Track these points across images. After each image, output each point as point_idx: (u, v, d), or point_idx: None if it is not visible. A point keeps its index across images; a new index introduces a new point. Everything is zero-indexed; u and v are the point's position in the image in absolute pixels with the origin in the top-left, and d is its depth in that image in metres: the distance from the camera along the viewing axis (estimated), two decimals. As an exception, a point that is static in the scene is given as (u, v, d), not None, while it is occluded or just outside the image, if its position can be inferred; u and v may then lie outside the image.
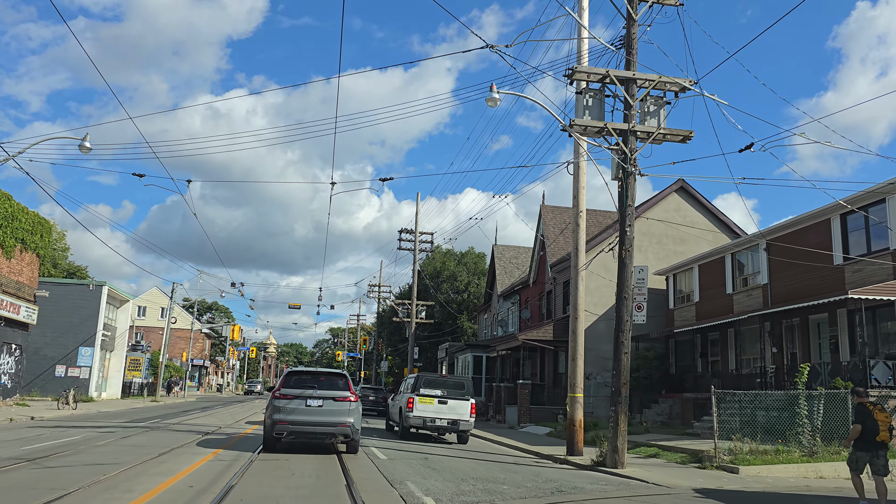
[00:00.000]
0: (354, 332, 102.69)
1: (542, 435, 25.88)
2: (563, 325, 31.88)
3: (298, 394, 14.55)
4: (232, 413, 32.32)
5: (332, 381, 15.14)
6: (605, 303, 31.87)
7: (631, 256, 15.56)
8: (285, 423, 14.32)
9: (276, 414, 14.42)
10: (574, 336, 18.14)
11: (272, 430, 14.47)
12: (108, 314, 45.63)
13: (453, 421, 20.61)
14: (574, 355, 17.98)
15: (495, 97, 15.46)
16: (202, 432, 19.49)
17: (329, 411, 14.39)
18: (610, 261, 32.78)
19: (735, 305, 26.06)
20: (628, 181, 15.65)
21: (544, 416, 30.89)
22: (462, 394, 21.20)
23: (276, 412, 14.42)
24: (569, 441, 17.57)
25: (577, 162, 18.46)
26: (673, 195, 33.41)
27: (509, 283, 45.47)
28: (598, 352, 31.45)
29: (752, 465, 14.62)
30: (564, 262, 33.42)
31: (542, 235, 37.44)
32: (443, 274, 57.62)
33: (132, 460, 12.36)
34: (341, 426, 14.30)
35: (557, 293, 34.70)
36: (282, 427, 14.37)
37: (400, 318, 48.84)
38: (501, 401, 33.72)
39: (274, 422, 14.38)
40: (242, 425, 23.75)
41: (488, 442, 22.77)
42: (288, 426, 14.33)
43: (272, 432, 14.51)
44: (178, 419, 25.64)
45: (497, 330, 45.83)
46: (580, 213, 18.45)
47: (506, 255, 47.31)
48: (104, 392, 45.74)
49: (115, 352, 47.26)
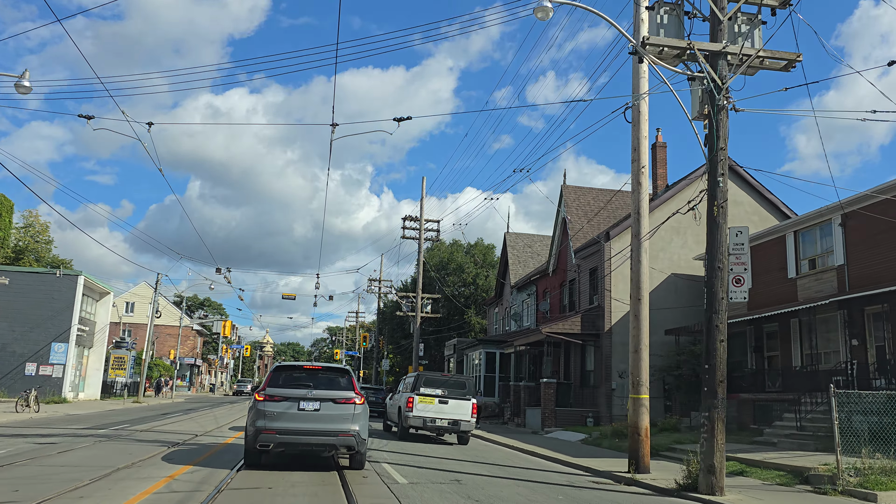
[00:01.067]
0: (353, 331, 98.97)
1: (575, 442, 22.22)
2: (592, 317, 28.21)
3: (289, 395, 11.61)
4: (217, 416, 28.60)
5: (332, 378, 12.22)
6: (639, 291, 28.18)
7: (725, 214, 11.89)
8: (271, 433, 11.26)
9: (259, 420, 11.38)
10: (637, 322, 14.48)
11: (255, 441, 11.37)
12: (85, 307, 41.85)
13: (454, 421, 20.01)
14: (637, 345, 14.32)
15: (547, 6, 11.83)
16: (172, 442, 15.78)
17: (328, 417, 11.48)
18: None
19: (799, 292, 22.41)
20: (719, 117, 11.99)
21: (571, 419, 27.23)
22: (463, 393, 20.61)
23: (261, 418, 11.39)
24: (632, 454, 13.90)
25: (637, 102, 14.80)
26: (713, 171, 29.74)
27: (524, 273, 41.78)
28: (632, 346, 27.78)
29: (890, 489, 10.96)
30: (591, 247, 29.78)
31: (563, 218, 33.77)
32: (449, 266, 53.93)
33: (46, 491, 8.65)
34: (343, 436, 11.40)
35: (583, 282, 31.04)
36: (268, 437, 11.28)
37: (404, 312, 45.17)
38: (521, 402, 30.05)
39: (257, 430, 11.31)
40: (225, 431, 20.06)
41: (518, 452, 19.10)
42: (275, 436, 11.26)
43: (255, 444, 11.40)
44: (151, 424, 21.92)
45: (510, 324, 42.14)
46: (641, 168, 14.77)
47: (519, 244, 43.63)
48: (81, 392, 41.96)
49: (94, 348, 43.45)
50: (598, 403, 27.47)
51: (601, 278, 28.41)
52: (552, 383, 27.51)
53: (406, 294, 45.73)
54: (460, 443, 20.57)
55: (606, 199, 34.21)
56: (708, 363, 11.42)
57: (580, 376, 29.33)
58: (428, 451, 17.41)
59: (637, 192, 14.79)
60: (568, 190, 34.23)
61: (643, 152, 14.87)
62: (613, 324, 27.76)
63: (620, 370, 27.51)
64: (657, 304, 28.31)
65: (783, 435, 17.70)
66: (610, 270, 27.96)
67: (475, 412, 20.44)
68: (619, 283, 28.01)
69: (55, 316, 37.44)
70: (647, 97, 14.96)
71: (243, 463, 11.97)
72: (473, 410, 20.33)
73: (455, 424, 20.07)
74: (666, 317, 28.14)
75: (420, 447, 18.24)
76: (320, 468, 12.11)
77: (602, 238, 28.28)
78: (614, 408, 27.15)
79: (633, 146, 14.99)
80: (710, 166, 12.04)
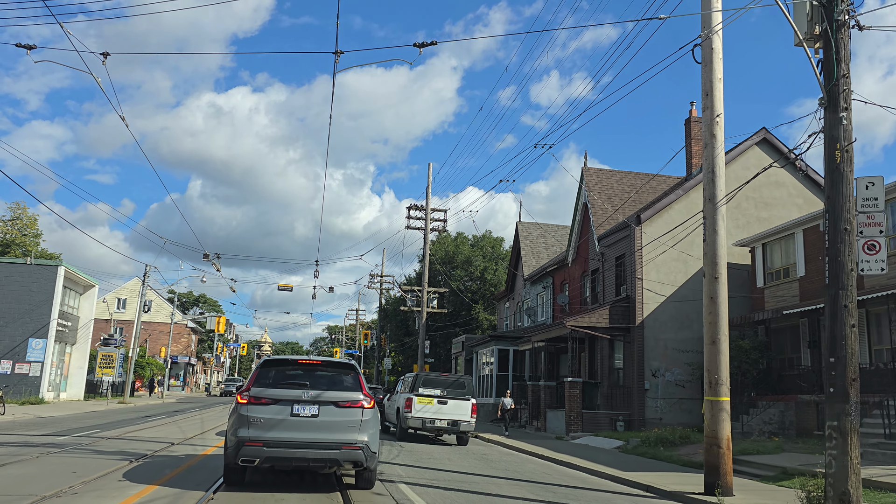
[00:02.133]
0: (353, 329, 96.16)
1: (611, 451, 19.41)
2: (620, 310, 25.41)
3: (280, 396, 9.35)
4: (204, 419, 25.78)
5: (334, 376, 9.97)
6: (673, 280, 25.43)
7: (850, 163, 9.05)
8: (257, 445, 9.00)
9: (242, 429, 9.10)
10: (714, 306, 11.64)
11: (236, 454, 9.07)
12: (68, 301, 39.03)
13: (454, 422, 19.81)
14: (715, 335, 11.48)
15: None
16: (138, 454, 12.97)
17: (329, 424, 9.27)
18: (680, 230, 26.31)
19: (866, 278, 19.63)
20: (839, 36, 9.17)
21: (599, 423, 24.43)
22: (463, 393, 20.44)
23: (244, 426, 9.12)
24: (710, 470, 11.08)
25: (710, 37, 11.98)
26: (753, 149, 26.95)
27: (538, 264, 38.97)
28: (667, 341, 25.05)
29: None
30: (618, 233, 26.97)
31: (585, 203, 30.96)
32: (456, 259, 51.12)
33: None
34: (349, 448, 9.15)
35: (608, 272, 28.24)
36: (252, 451, 9.01)
37: (409, 307, 42.34)
38: (540, 403, 27.25)
39: (239, 441, 9.05)
40: (209, 438, 17.26)
41: (550, 462, 16.29)
42: (262, 449, 8.99)
43: (236, 458, 9.10)
44: (126, 430, 19.12)
45: (523, 320, 39.33)
46: (716, 117, 11.95)
47: (532, 234, 40.81)
48: (63, 392, 39.14)
49: (77, 345, 40.61)
50: (630, 405, 24.68)
51: (631, 267, 25.62)
52: (577, 383, 24.70)
53: (411, 288, 42.90)
54: (459, 443, 20.24)
55: (633, 183, 31.42)
56: (834, 356, 8.61)
57: (608, 375, 26.53)
58: (446, 462, 14.62)
59: (711, 145, 11.96)
60: (590, 173, 31.42)
61: (717, 97, 12.05)
62: (646, 316, 24.96)
63: (654, 368, 24.73)
64: (692, 294, 25.52)
65: (868, 444, 14.88)
66: (641, 258, 25.17)
67: (475, 413, 20.17)
68: (650, 272, 25.23)
69: (33, 310, 34.62)
70: (720, 31, 12.16)
71: (221, 482, 9.63)
72: (473, 411, 20.06)
73: (454, 425, 19.79)
74: (701, 309, 25.29)
75: (437, 457, 15.47)
76: (319, 488, 9.81)
77: (632, 222, 25.47)
78: (647, 410, 24.37)
79: (704, 90, 12.17)
80: (829, 99, 9.21)
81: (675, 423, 24.16)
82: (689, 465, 15.22)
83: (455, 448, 18.82)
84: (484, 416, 35.01)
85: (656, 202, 26.56)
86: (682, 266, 25.54)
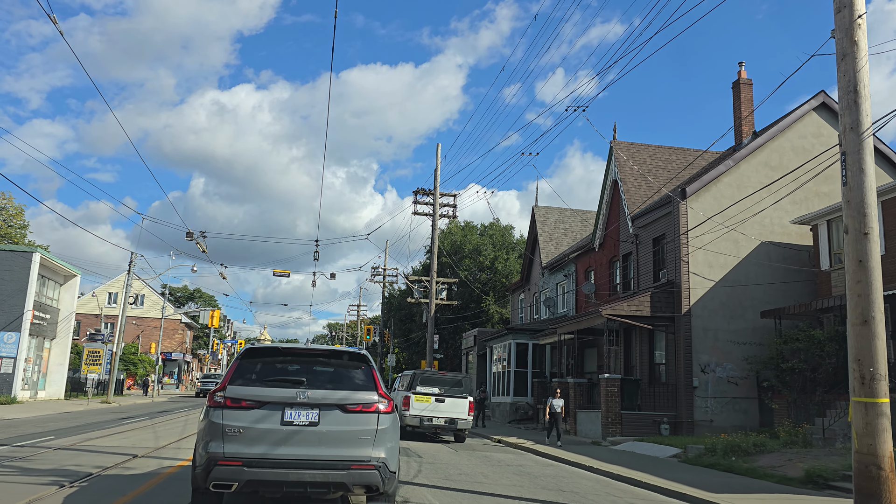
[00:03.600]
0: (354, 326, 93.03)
1: (668, 459, 16.30)
2: (663, 297, 22.28)
3: (267, 397, 6.96)
4: (188, 422, 22.68)
5: (340, 369, 7.50)
6: (723, 263, 22.31)
7: None
8: (234, 463, 6.58)
9: (214, 442, 6.70)
10: (866, 272, 8.41)
11: (206, 476, 6.62)
12: (46, 292, 35.90)
13: (451, 419, 19.96)
14: (867, 313, 8.30)
15: None
16: (83, 474, 9.87)
17: (333, 436, 6.90)
18: (728, 201, 23.17)
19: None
20: None
21: (640, 426, 21.33)
22: (460, 391, 20.62)
23: (216, 438, 6.73)
24: (863, 500, 7.94)
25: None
26: (811, 115, 23.81)
27: (557, 252, 35.86)
28: (717, 332, 21.93)
29: None
30: (657, 211, 23.85)
31: (615, 180, 27.83)
32: (464, 248, 47.99)
33: None
34: (360, 467, 6.78)
35: (643, 255, 25.11)
36: (228, 472, 6.60)
37: (416, 299, 39.19)
38: (569, 403, 24.12)
39: (210, 459, 6.64)
40: (187, 446, 14.13)
41: (604, 477, 13.18)
42: (242, 470, 6.59)
43: (206, 482, 6.63)
44: (86, 436, 15.99)
45: (541, 311, 36.21)
46: (856, 20, 8.80)
47: (550, 219, 37.67)
48: (42, 391, 36.02)
49: (57, 340, 37.47)
50: (675, 405, 21.58)
51: (674, 248, 22.47)
52: (615, 380, 21.58)
53: (418, 278, 39.77)
54: (457, 440, 20.29)
55: (669, 158, 28.28)
56: None
57: (649, 371, 23.39)
58: (481, 478, 11.54)
59: (852, 56, 8.79)
60: (619, 147, 28.26)
61: (859, -8, 8.88)
62: (693, 304, 21.84)
63: (703, 363, 21.62)
64: (745, 279, 22.43)
65: None
66: (687, 237, 22.03)
67: (472, 411, 20.35)
68: (698, 254, 22.10)
69: (4, 300, 31.50)
70: None
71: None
72: (470, 409, 20.23)
73: (452, 423, 19.92)
74: (756, 295, 22.26)
75: (467, 472, 12.38)
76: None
77: (676, 196, 22.32)
78: (696, 411, 21.26)
79: (839, -16, 9.00)
80: None
81: (728, 425, 21.07)
82: (784, 481, 12.13)
83: (484, 457, 15.72)
84: (500, 418, 31.92)
85: (702, 174, 23.41)
86: (733, 246, 22.41)
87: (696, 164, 28.24)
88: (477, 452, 17.09)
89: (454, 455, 15.92)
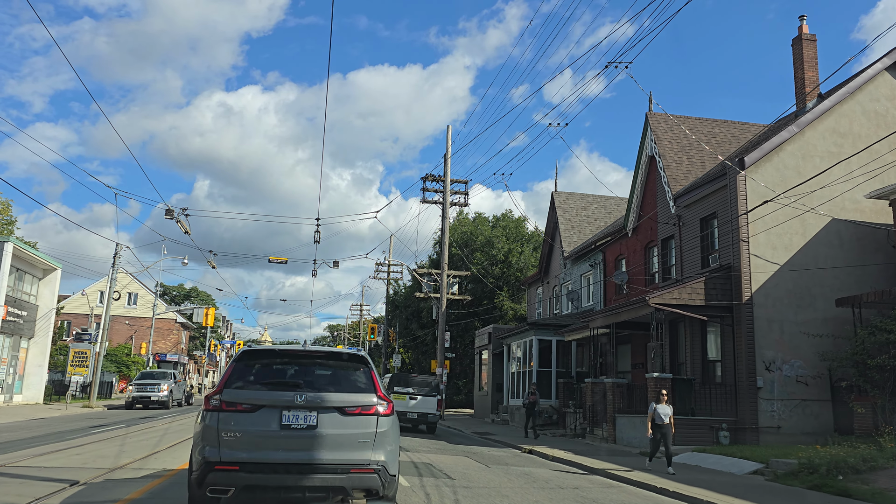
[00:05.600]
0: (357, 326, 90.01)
1: (748, 476, 13.25)
2: (719, 283, 19.22)
3: (264, 400, 6.77)
4: (168, 432, 19.64)
5: (339, 371, 7.30)
6: (786, 245, 19.27)
7: None
8: (231, 468, 6.42)
9: (210, 447, 6.52)
10: None
11: (202, 482, 6.40)
12: (22, 287, 32.90)
13: (423, 414, 23.41)
14: None
15: None
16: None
17: (332, 439, 6.70)
18: (792, 172, 20.12)
19: None
20: None
21: (696, 433, 18.28)
22: (430, 391, 23.95)
23: (212, 442, 6.53)
24: None
25: None
26: (883, 76, 20.74)
27: (579, 241, 32.82)
28: (783, 324, 18.85)
29: None
30: (707, 186, 20.82)
31: (651, 156, 24.80)
32: (475, 240, 44.94)
33: None
34: (359, 471, 6.67)
35: (688, 238, 22.07)
36: (224, 477, 6.42)
37: (425, 293, 36.17)
38: (608, 406, 21.07)
39: (206, 464, 6.45)
40: (146, 469, 11.08)
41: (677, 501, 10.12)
42: (238, 475, 6.43)
43: (202, 488, 6.42)
44: (30, 452, 12.96)
45: (562, 305, 33.17)
46: None
47: (571, 206, 34.62)
48: (18, 394, 32.99)
49: (35, 339, 34.42)
50: (735, 409, 18.51)
51: (730, 228, 19.41)
52: (666, 380, 18.52)
53: (428, 271, 36.76)
54: (429, 431, 23.51)
55: (712, 131, 25.22)
56: None
57: (701, 369, 20.30)
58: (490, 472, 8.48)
59: None
60: (656, 119, 25.21)
61: None
62: (755, 291, 18.77)
63: (768, 359, 18.55)
64: (814, 261, 19.34)
65: None
66: (747, 214, 18.98)
67: (440, 407, 24.13)
68: (760, 234, 19.03)
69: (-28, 295, 28.47)
70: None
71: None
72: (438, 406, 23.93)
73: (424, 416, 23.44)
74: (826, 281, 19.18)
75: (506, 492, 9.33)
76: None
77: (734, 165, 19.24)
78: (761, 416, 18.18)
79: None
80: None
81: (798, 432, 18.02)
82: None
83: (525, 475, 12.67)
84: (520, 422, 28.86)
85: (761, 143, 20.32)
86: (799, 225, 19.36)
87: (742, 138, 25.20)
88: (512, 468, 14.06)
89: (487, 473, 12.88)
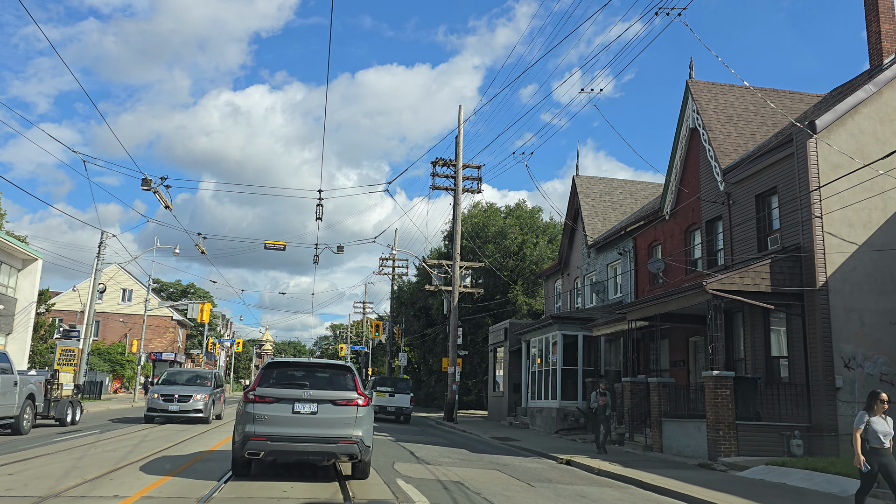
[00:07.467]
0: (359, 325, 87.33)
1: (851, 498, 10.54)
2: (786, 267, 16.52)
3: (282, 395, 10.14)
4: (145, 439, 16.98)
5: (332, 377, 10.82)
6: (864, 222, 16.60)
7: None
8: (261, 439, 9.83)
9: (248, 425, 9.94)
10: None
11: (243, 448, 9.94)
12: (0, 278, 30.31)
13: (400, 408, 29.64)
14: None
15: None
16: None
17: (326, 421, 10.10)
18: (869, 138, 17.34)
19: None
20: None
21: (761, 440, 15.63)
22: (405, 389, 30.18)
23: (250, 422, 9.96)
24: None
25: None
26: (969, 28, 18.02)
27: (604, 228, 30.15)
28: (863, 313, 16.17)
29: None
30: (765, 157, 18.15)
31: (693, 127, 22.13)
32: (487, 231, 42.26)
33: None
34: (345, 442, 10.03)
35: (740, 217, 19.38)
36: (257, 444, 9.84)
37: (436, 286, 33.52)
38: (652, 409, 18.40)
39: (246, 437, 9.90)
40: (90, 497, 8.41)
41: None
42: (266, 443, 9.85)
43: (243, 452, 9.98)
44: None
45: (587, 298, 30.50)
46: None
47: (594, 191, 31.94)
48: (-6, 395, 30.29)
49: (13, 335, 31.82)
50: (811, 413, 15.84)
51: (802, 203, 16.70)
52: (727, 379, 15.85)
53: (438, 262, 34.11)
54: (404, 422, 28.87)
55: (758, 102, 22.51)
56: None
57: (764, 367, 17.58)
58: None
59: None
60: (698, 87, 22.52)
61: None
62: (830, 275, 16.09)
63: (847, 355, 15.86)
64: (895, 242, 16.69)
65: None
66: (819, 186, 16.28)
67: (412, 402, 30.60)
68: (835, 211, 16.33)
69: (-61, 285, 25.86)
70: None
71: (230, 473, 10.35)
72: (412, 401, 30.22)
73: (400, 409, 29.59)
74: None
75: None
76: (320, 479, 10.61)
77: (805, 128, 16.51)
78: (841, 421, 15.49)
79: None
80: None
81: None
82: None
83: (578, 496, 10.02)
84: (542, 426, 26.19)
85: (831, 105, 17.61)
86: (878, 199, 16.67)
87: (795, 108, 22.48)
88: (560, 487, 11.40)
89: (535, 497, 10.23)
